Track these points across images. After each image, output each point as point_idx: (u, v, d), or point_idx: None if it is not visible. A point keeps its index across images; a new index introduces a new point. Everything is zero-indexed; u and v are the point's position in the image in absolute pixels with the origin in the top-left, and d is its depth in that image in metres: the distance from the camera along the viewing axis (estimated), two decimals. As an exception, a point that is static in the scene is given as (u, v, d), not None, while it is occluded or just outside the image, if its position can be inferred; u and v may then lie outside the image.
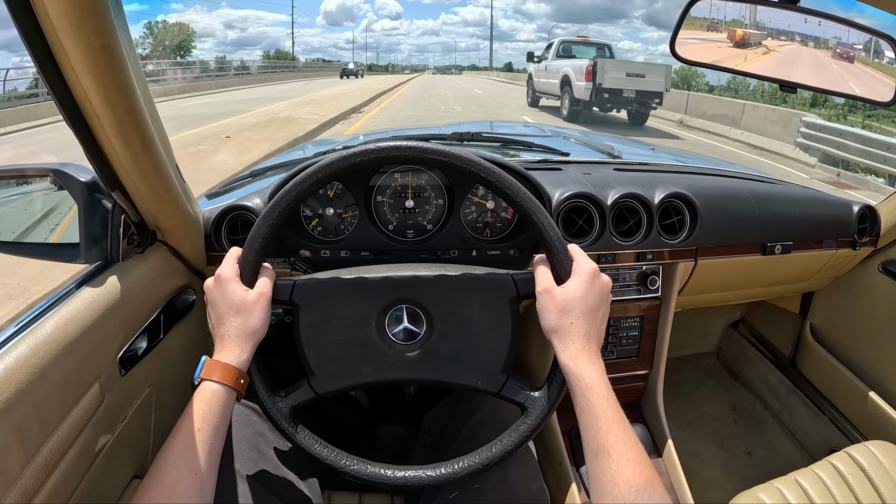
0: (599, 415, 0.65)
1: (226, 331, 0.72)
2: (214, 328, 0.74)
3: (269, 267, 0.78)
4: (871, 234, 1.37)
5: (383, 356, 0.77)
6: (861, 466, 1.08)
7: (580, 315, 0.71)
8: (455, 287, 0.78)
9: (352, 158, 0.74)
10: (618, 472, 0.61)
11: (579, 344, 0.70)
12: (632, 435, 0.65)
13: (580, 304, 0.71)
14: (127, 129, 0.71)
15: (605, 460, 0.63)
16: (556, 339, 0.72)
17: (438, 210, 1.04)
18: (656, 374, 1.34)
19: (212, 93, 22.25)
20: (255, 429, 0.88)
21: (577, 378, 0.68)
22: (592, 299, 0.72)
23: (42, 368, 0.66)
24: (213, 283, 0.75)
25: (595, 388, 0.67)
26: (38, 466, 0.64)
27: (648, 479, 0.61)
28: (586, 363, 0.69)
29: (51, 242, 0.93)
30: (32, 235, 0.95)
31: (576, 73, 11.80)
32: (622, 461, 0.62)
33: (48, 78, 0.63)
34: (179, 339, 1.00)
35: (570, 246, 0.76)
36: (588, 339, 0.71)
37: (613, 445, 0.63)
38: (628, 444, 0.63)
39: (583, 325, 0.71)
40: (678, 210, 1.18)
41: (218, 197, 1.15)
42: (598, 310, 0.72)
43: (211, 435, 0.67)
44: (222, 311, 0.73)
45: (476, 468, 0.74)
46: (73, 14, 0.57)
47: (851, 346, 1.52)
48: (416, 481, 0.74)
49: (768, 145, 9.85)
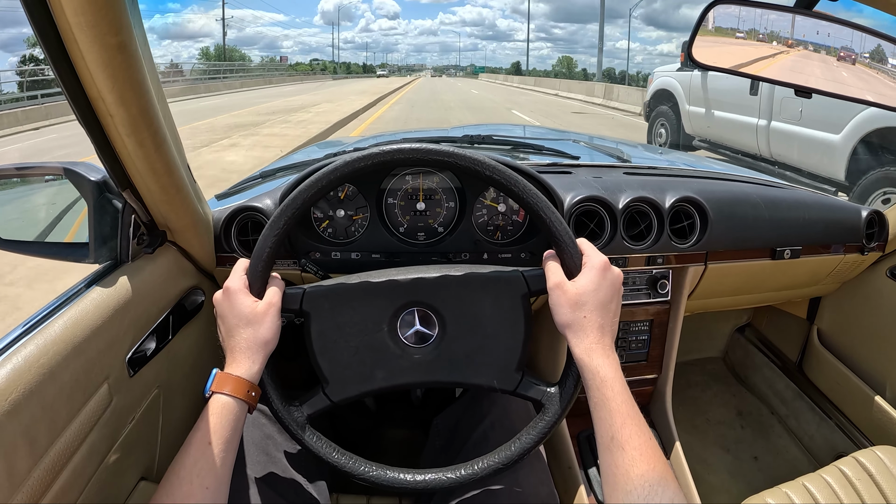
0: (614, 409, 0.65)
1: (236, 343, 0.72)
2: (225, 341, 0.74)
3: (277, 276, 0.78)
4: (879, 240, 1.37)
5: (397, 360, 0.76)
6: (868, 472, 1.07)
7: (593, 308, 0.71)
8: (465, 287, 0.77)
9: (355, 164, 0.74)
10: (631, 467, 0.61)
11: (594, 338, 0.70)
12: (646, 430, 0.65)
13: (593, 297, 0.71)
14: (140, 128, 0.70)
15: (619, 454, 0.62)
16: (571, 333, 0.71)
17: (450, 213, 1.04)
18: (665, 379, 1.34)
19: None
20: (263, 431, 0.87)
21: (591, 372, 0.68)
22: (605, 292, 0.72)
23: (51, 369, 0.65)
24: (221, 296, 0.75)
25: (609, 382, 0.67)
26: (45, 467, 0.64)
27: (662, 474, 0.60)
28: (601, 357, 0.69)
29: (61, 242, 0.92)
30: (42, 234, 0.95)
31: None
32: (636, 455, 0.62)
33: (62, 75, 0.63)
34: (188, 341, 1.00)
35: (579, 240, 0.76)
36: (602, 332, 0.70)
37: (627, 440, 0.63)
38: (642, 439, 0.63)
39: (596, 318, 0.70)
40: (688, 214, 1.17)
41: (228, 198, 1.15)
42: (610, 302, 0.72)
43: (222, 448, 0.66)
44: (232, 324, 0.72)
45: (496, 467, 0.73)
46: (90, 11, 0.56)
47: (858, 351, 1.51)
48: (436, 484, 0.73)
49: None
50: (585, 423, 1.11)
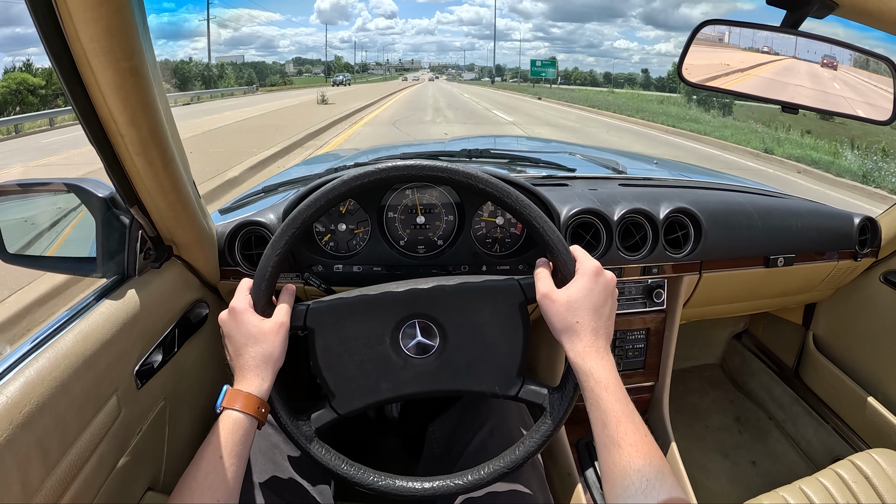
0: (608, 409, 0.67)
1: (245, 361, 0.74)
2: (233, 359, 0.76)
3: (290, 292, 0.80)
4: (872, 246, 1.39)
5: (401, 371, 0.78)
6: (864, 474, 1.09)
7: (586, 313, 0.72)
8: (463, 297, 0.79)
9: (353, 182, 0.76)
10: (629, 463, 0.62)
11: (587, 341, 0.72)
12: (642, 427, 0.66)
13: (585, 302, 0.73)
14: (149, 147, 0.72)
15: (616, 451, 0.64)
16: (565, 338, 0.73)
17: (449, 226, 1.06)
18: (662, 386, 1.35)
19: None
20: (270, 441, 0.89)
21: (585, 374, 0.70)
22: (597, 296, 0.74)
23: (63, 382, 0.67)
24: (227, 316, 0.76)
25: (604, 382, 0.68)
26: (57, 479, 0.65)
27: (659, 468, 0.62)
28: (595, 359, 0.70)
29: (69, 256, 0.94)
30: (50, 249, 0.96)
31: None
32: (632, 451, 0.63)
33: (74, 97, 0.65)
34: (193, 353, 1.01)
35: (572, 247, 0.78)
36: (596, 335, 0.72)
37: (623, 437, 0.64)
38: (638, 436, 0.64)
39: (589, 322, 0.72)
40: (683, 224, 1.20)
41: (231, 212, 1.17)
42: (603, 306, 0.74)
43: (233, 463, 0.68)
44: (239, 343, 0.74)
45: (502, 471, 0.75)
46: (105, 38, 0.58)
47: (854, 355, 1.53)
48: (444, 490, 0.75)
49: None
50: (585, 431, 1.13)
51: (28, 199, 0.99)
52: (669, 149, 11.85)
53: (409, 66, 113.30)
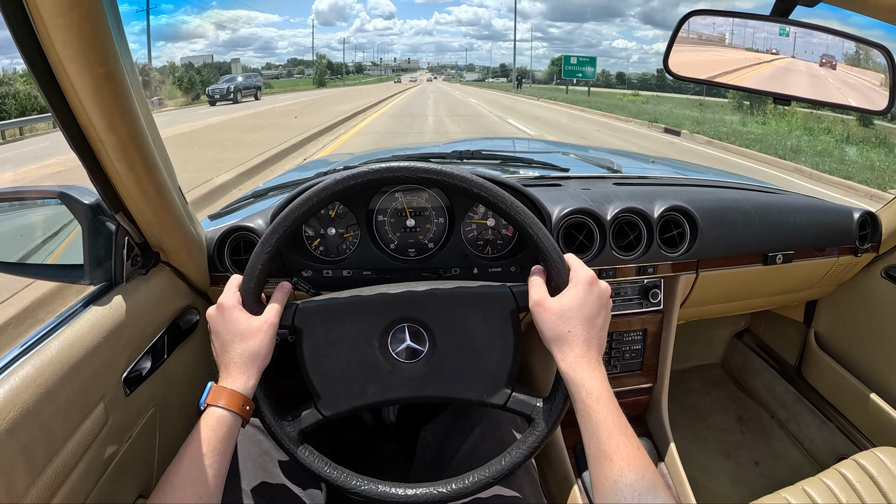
0: (600, 421, 0.65)
1: (230, 358, 0.73)
2: (219, 355, 0.75)
3: (284, 291, 0.79)
4: (872, 241, 1.37)
5: (388, 375, 0.77)
6: (869, 473, 1.07)
7: (578, 323, 0.71)
8: (454, 303, 0.78)
9: (344, 182, 0.75)
10: (620, 477, 0.61)
11: (578, 351, 0.70)
12: (634, 440, 0.65)
13: (578, 312, 0.71)
14: (130, 152, 0.72)
15: (608, 466, 0.63)
16: (556, 348, 0.72)
17: (439, 228, 1.05)
18: (660, 388, 1.34)
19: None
20: (260, 447, 0.88)
21: (576, 385, 0.68)
22: (590, 307, 0.72)
23: (48, 389, 0.67)
24: (215, 312, 0.76)
25: (595, 394, 0.67)
26: (43, 486, 0.65)
27: (652, 482, 0.61)
28: (586, 370, 0.69)
29: (56, 263, 0.94)
30: (36, 256, 0.96)
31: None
32: (624, 465, 0.62)
33: (53, 104, 0.65)
34: (183, 360, 1.00)
35: (566, 255, 0.76)
36: (588, 346, 0.71)
37: (615, 450, 0.63)
38: (630, 449, 0.63)
39: (581, 332, 0.71)
40: (678, 223, 1.18)
41: (220, 218, 1.16)
42: (596, 317, 0.73)
43: (216, 459, 0.67)
44: (226, 339, 0.74)
45: (486, 482, 0.74)
46: (78, 43, 0.58)
47: (856, 352, 1.51)
48: (427, 498, 0.74)
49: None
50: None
51: (16, 206, 0.99)
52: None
53: (405, 66, 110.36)
